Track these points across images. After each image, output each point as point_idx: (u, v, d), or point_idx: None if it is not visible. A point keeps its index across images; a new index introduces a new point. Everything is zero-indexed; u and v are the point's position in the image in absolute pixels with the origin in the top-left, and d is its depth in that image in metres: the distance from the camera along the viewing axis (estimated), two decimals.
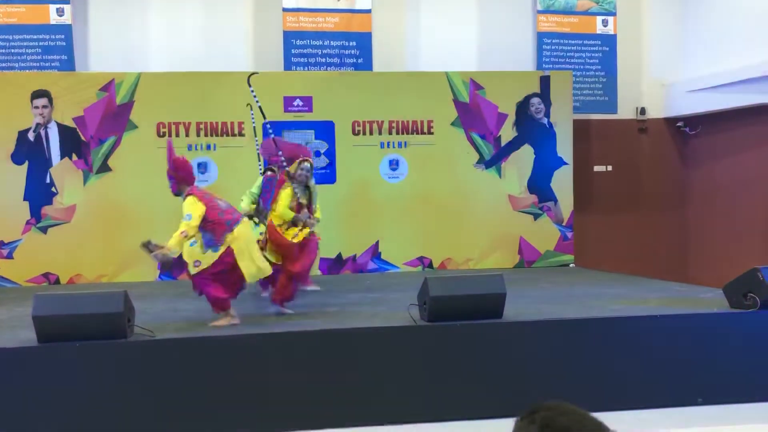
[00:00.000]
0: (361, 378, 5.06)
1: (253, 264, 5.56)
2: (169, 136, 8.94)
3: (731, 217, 9.97)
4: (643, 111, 10.60)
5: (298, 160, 6.40)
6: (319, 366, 5.03)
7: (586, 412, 1.48)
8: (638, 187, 10.62)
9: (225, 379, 4.90)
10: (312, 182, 6.54)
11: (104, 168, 8.89)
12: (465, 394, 5.10)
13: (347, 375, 5.05)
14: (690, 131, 10.60)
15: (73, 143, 8.82)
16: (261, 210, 7.00)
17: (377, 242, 9.42)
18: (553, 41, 10.17)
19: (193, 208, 5.40)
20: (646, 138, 10.69)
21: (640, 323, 5.45)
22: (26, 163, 8.67)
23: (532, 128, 9.69)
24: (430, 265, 9.42)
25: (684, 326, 5.45)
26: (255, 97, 8.69)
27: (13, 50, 9.01)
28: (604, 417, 1.51)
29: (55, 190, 8.76)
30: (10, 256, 8.66)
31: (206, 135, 9.08)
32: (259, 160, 8.52)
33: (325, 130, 9.33)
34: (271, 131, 8.57)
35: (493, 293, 5.32)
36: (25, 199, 8.69)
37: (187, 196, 5.50)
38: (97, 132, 8.88)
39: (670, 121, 10.69)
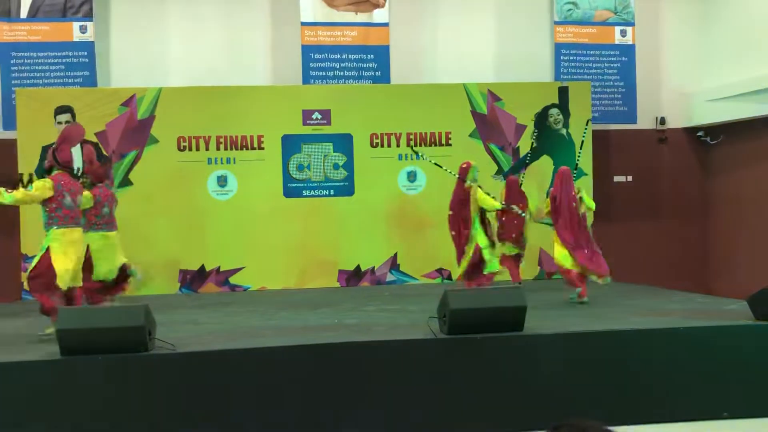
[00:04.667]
0: (380, 391, 5.04)
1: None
2: (189, 149, 9.04)
3: (754, 227, 9.84)
4: (663, 121, 10.53)
5: (468, 167, 7.14)
6: (339, 379, 5.02)
7: (608, 429, 1.47)
8: (659, 197, 10.52)
9: (247, 392, 4.91)
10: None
11: (125, 182, 9.00)
12: (485, 408, 5.06)
13: (366, 387, 5.03)
14: (711, 141, 10.50)
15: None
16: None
17: (396, 254, 9.41)
18: (571, 52, 10.15)
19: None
20: (667, 148, 10.61)
21: (663, 336, 5.39)
22: None
23: (551, 139, 9.66)
24: (449, 277, 9.38)
25: (708, 338, 5.38)
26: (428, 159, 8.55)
27: (37, 67, 9.18)
28: (627, 431, 1.49)
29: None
30: None
31: (226, 149, 9.16)
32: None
33: (344, 143, 9.37)
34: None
35: (513, 306, 5.27)
36: None
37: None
38: (118, 146, 9.00)
39: (691, 131, 10.60)
